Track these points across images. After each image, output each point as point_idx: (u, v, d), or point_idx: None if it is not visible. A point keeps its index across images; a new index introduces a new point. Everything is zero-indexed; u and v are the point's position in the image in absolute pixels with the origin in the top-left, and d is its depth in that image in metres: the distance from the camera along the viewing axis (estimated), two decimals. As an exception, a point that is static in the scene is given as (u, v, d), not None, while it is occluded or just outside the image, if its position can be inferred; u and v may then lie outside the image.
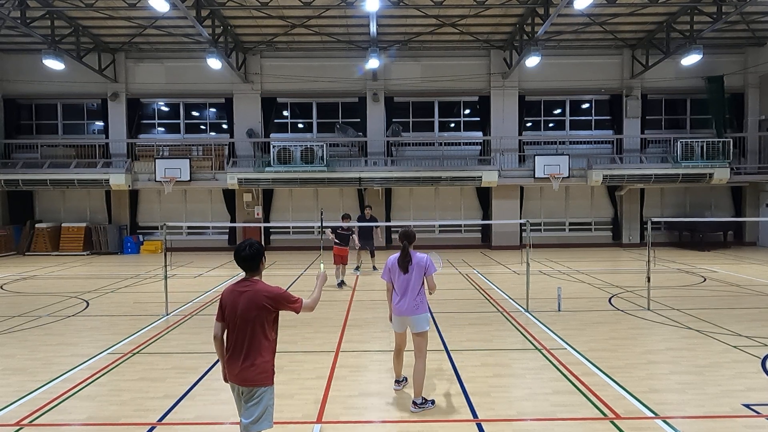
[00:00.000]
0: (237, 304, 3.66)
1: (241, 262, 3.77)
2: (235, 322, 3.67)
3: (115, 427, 4.89)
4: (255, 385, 3.64)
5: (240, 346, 3.65)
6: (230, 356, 3.68)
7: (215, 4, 16.69)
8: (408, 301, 5.33)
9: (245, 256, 3.73)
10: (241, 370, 3.62)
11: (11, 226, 20.85)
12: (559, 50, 20.73)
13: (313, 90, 20.99)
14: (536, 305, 9.77)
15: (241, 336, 3.65)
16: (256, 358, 3.63)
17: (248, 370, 3.62)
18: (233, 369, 3.66)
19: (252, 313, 3.63)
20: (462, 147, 21.47)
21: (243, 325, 3.64)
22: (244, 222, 20.77)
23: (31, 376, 6.23)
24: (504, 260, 17.38)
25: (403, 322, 5.46)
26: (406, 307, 5.33)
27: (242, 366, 3.62)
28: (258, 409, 3.66)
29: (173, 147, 21.43)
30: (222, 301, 3.76)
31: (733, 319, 8.74)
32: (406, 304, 5.33)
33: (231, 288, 3.77)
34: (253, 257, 3.74)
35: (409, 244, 5.49)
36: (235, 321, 3.66)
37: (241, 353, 3.63)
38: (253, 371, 3.62)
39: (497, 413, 5.10)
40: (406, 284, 5.35)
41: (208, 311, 9.85)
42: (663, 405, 5.23)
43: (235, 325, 3.67)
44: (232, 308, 3.68)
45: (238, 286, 3.75)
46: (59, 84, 20.55)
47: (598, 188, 21.45)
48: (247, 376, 3.62)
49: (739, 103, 21.22)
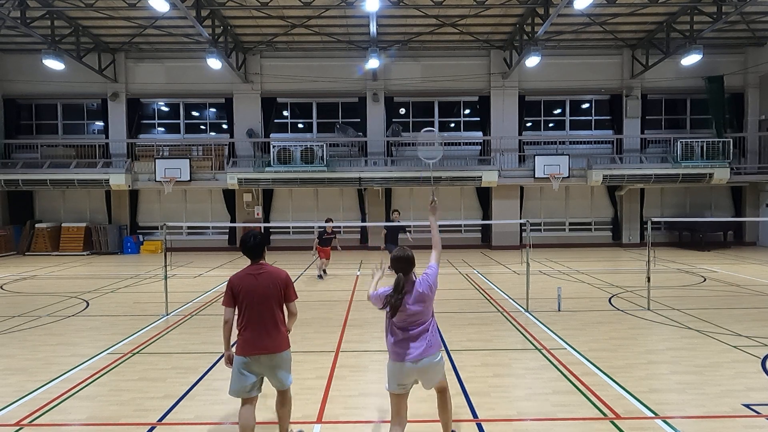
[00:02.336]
0: (255, 286, 4.20)
1: (248, 251, 4.32)
2: (254, 302, 4.18)
3: (115, 427, 4.89)
4: (282, 350, 4.24)
5: (263, 321, 4.18)
6: (253, 330, 4.18)
7: (215, 4, 16.69)
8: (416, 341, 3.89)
9: (251, 246, 4.31)
10: (270, 339, 4.18)
11: (11, 226, 20.85)
12: (559, 50, 20.73)
13: (313, 90, 20.99)
14: (536, 305, 9.77)
15: (262, 312, 4.19)
16: (279, 328, 4.25)
17: (276, 339, 4.21)
18: (260, 341, 4.17)
19: (271, 291, 4.21)
20: (462, 147, 21.47)
21: (264, 303, 4.19)
22: (244, 222, 20.78)
23: (31, 376, 6.23)
24: (504, 260, 17.38)
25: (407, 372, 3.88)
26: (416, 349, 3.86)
27: (270, 336, 4.19)
28: (284, 368, 4.30)
29: (173, 147, 21.43)
30: (234, 287, 4.21)
31: (733, 319, 8.74)
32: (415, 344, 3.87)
33: (242, 274, 4.27)
34: (259, 246, 4.34)
35: (406, 273, 3.97)
36: (254, 301, 4.18)
37: (266, 327, 4.19)
38: (279, 339, 4.23)
39: (497, 413, 5.10)
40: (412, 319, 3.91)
41: (208, 311, 9.85)
42: (663, 405, 5.23)
43: (254, 304, 4.18)
44: (250, 290, 4.19)
45: (250, 270, 4.28)
46: (59, 84, 20.55)
47: (598, 188, 21.45)
48: (274, 344, 4.20)
49: (739, 103, 21.22)
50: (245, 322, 4.20)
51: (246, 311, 4.20)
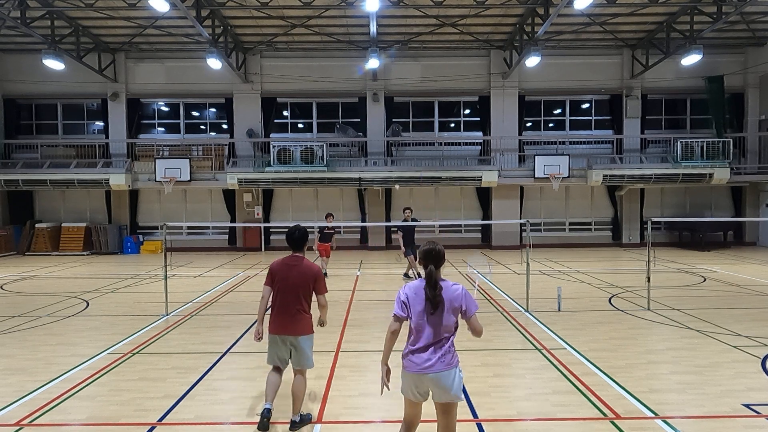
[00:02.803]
0: (288, 275, 4.77)
1: (292, 242, 4.87)
2: (285, 288, 4.75)
3: (115, 427, 4.89)
4: (303, 334, 4.78)
5: (290, 307, 4.75)
6: (279, 314, 4.77)
7: (215, 4, 16.69)
8: (434, 352, 3.68)
9: (296, 237, 4.86)
10: (292, 323, 4.74)
11: (11, 226, 20.85)
12: (559, 50, 20.73)
13: (313, 90, 20.99)
14: (536, 305, 9.77)
15: (290, 299, 4.75)
16: (303, 315, 4.79)
17: (298, 324, 4.76)
18: (283, 323, 4.75)
19: (300, 282, 4.75)
20: (462, 147, 21.47)
21: (293, 291, 4.74)
22: (244, 222, 20.79)
23: (31, 376, 6.23)
24: (504, 260, 17.38)
25: (422, 383, 3.69)
26: (432, 361, 3.66)
27: (293, 320, 4.74)
28: (305, 351, 4.80)
29: (173, 147, 21.44)
30: (273, 271, 4.84)
31: (733, 319, 8.74)
32: (432, 356, 3.67)
33: (282, 261, 4.85)
34: (301, 238, 4.87)
35: (437, 267, 3.81)
36: (285, 287, 4.75)
37: (290, 312, 4.75)
38: (301, 324, 4.77)
39: (497, 413, 5.10)
40: (434, 327, 3.70)
41: (208, 311, 9.86)
42: (663, 405, 5.23)
43: (286, 289, 4.75)
44: (284, 277, 4.77)
45: (288, 260, 4.83)
46: (59, 84, 20.55)
47: (598, 188, 21.45)
48: (297, 328, 4.75)
49: (739, 103, 21.23)
50: (275, 305, 4.82)
51: (278, 295, 4.79)
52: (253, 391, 5.75)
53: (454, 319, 3.74)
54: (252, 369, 6.49)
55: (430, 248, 3.85)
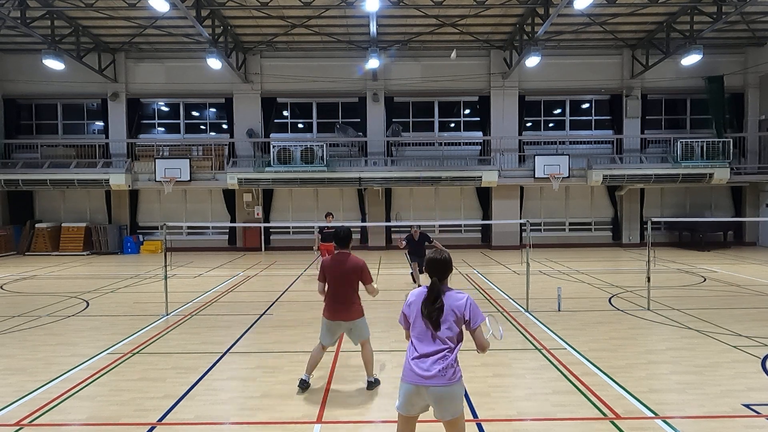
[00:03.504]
0: (339, 269, 5.50)
1: (339, 240, 5.61)
2: (337, 281, 5.51)
3: (115, 427, 4.89)
4: (356, 318, 5.62)
5: (342, 297, 5.54)
6: (333, 303, 5.56)
7: (215, 4, 16.69)
8: (434, 363, 3.42)
9: (342, 236, 5.61)
10: (345, 311, 5.55)
11: (11, 226, 20.86)
12: (559, 50, 20.73)
13: (313, 90, 20.99)
14: (536, 305, 9.77)
15: (342, 290, 5.54)
16: (354, 303, 5.60)
17: (349, 310, 5.57)
18: (337, 311, 5.55)
19: (349, 274, 5.49)
20: (462, 147, 21.47)
21: (343, 283, 5.51)
22: (244, 222, 20.79)
23: (31, 376, 6.23)
24: (504, 260, 17.38)
25: (419, 395, 3.45)
26: (432, 373, 3.40)
27: (345, 308, 5.55)
28: (362, 329, 5.69)
29: (173, 147, 21.44)
30: (325, 267, 5.60)
31: (733, 319, 8.74)
32: (432, 367, 3.41)
33: (332, 258, 5.59)
34: (347, 237, 5.63)
35: (441, 279, 3.57)
36: (337, 280, 5.51)
37: (344, 301, 5.54)
38: (352, 310, 5.59)
39: (497, 413, 5.10)
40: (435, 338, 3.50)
41: (208, 311, 9.86)
42: (663, 405, 5.23)
43: (337, 282, 5.51)
44: (335, 272, 5.51)
45: (337, 257, 5.56)
46: (59, 84, 20.55)
47: (598, 188, 21.45)
48: (348, 314, 5.57)
49: (739, 103, 21.23)
50: (329, 296, 5.59)
51: (331, 288, 5.57)
52: (253, 391, 5.76)
53: (457, 329, 3.52)
54: (252, 369, 6.50)
55: (435, 258, 3.59)
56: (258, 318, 9.24)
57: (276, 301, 10.75)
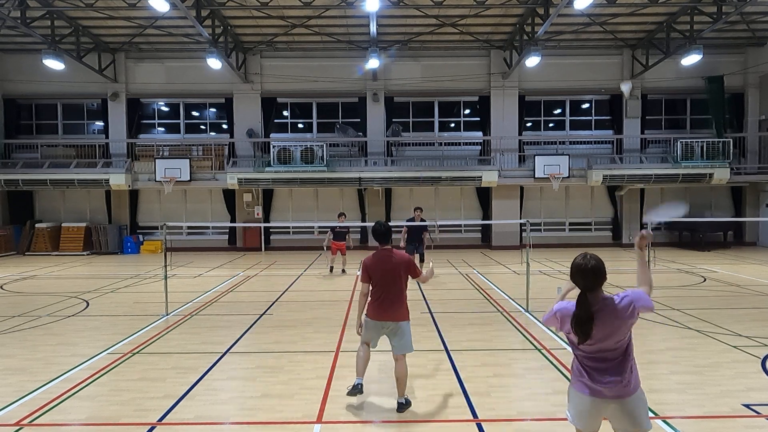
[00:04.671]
0: (385, 267, 5.08)
1: (379, 237, 5.20)
2: (384, 279, 5.07)
3: (115, 427, 4.89)
4: (403, 320, 5.12)
5: (390, 295, 5.07)
6: (381, 302, 5.08)
7: (215, 4, 16.69)
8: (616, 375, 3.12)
9: (383, 232, 5.19)
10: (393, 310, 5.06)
11: (11, 226, 20.85)
12: (559, 50, 20.73)
13: (313, 90, 20.99)
14: (536, 305, 9.76)
15: (390, 288, 5.07)
16: (403, 302, 5.14)
17: (398, 310, 5.09)
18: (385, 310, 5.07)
19: (397, 272, 5.08)
20: (462, 147, 21.47)
21: (391, 281, 5.07)
22: (244, 222, 20.79)
23: (31, 376, 6.23)
24: (504, 260, 17.38)
25: (599, 409, 3.12)
26: (616, 386, 3.09)
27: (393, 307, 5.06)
28: (406, 336, 5.12)
29: (173, 147, 21.44)
30: (368, 267, 5.13)
31: (733, 319, 8.73)
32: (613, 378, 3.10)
33: (374, 257, 5.14)
34: (387, 232, 5.20)
35: (595, 288, 3.14)
36: (384, 278, 5.07)
37: (391, 300, 5.06)
38: (401, 310, 5.12)
39: (497, 413, 5.10)
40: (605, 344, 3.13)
41: (208, 311, 9.86)
42: (663, 405, 5.23)
43: (385, 281, 5.07)
44: (380, 270, 5.08)
45: (380, 254, 5.14)
46: (59, 84, 20.55)
47: (598, 188, 21.45)
48: (396, 314, 5.08)
49: (739, 103, 21.22)
50: (377, 296, 5.12)
51: (378, 287, 5.10)
52: (253, 391, 5.76)
53: (629, 331, 3.19)
54: (252, 369, 6.50)
55: (583, 263, 3.08)
56: (258, 318, 9.23)
57: (276, 301, 10.74)
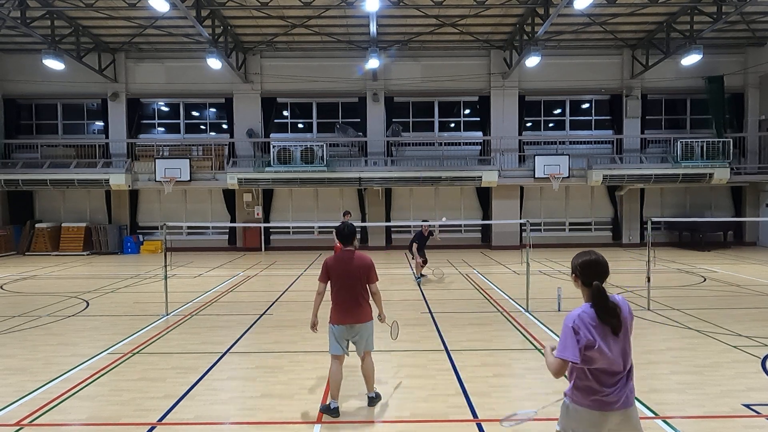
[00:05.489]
0: (346, 268, 5.08)
1: (342, 238, 5.22)
2: (346, 281, 5.06)
3: (115, 427, 4.89)
4: (368, 320, 5.15)
5: (352, 297, 5.08)
6: (343, 304, 5.07)
7: (215, 4, 16.69)
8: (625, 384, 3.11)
9: (346, 234, 5.20)
10: (357, 312, 5.08)
11: (11, 226, 20.86)
12: (559, 50, 20.73)
13: (313, 90, 20.99)
14: (536, 305, 9.76)
15: (352, 290, 5.08)
16: (365, 303, 5.14)
17: (362, 312, 5.11)
18: (348, 312, 5.07)
19: (359, 273, 5.08)
20: (462, 147, 21.47)
21: (352, 282, 5.07)
22: (244, 222, 20.79)
23: (31, 376, 6.23)
24: (504, 260, 17.38)
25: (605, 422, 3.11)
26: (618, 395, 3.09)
27: (357, 309, 5.08)
28: (370, 336, 5.21)
29: (173, 147, 21.44)
30: (329, 267, 5.12)
31: (733, 319, 8.73)
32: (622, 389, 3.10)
33: (336, 257, 5.15)
34: (351, 234, 5.21)
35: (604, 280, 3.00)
36: (346, 279, 5.06)
37: (354, 301, 5.08)
38: (365, 311, 5.13)
39: (497, 413, 5.09)
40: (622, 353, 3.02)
41: (208, 311, 9.85)
42: (663, 405, 5.23)
43: (346, 282, 5.06)
44: (342, 270, 5.08)
45: (342, 255, 5.13)
46: (59, 84, 20.55)
47: (598, 188, 21.45)
48: (361, 315, 5.10)
49: (739, 103, 21.22)
50: (338, 298, 5.10)
51: (339, 288, 5.09)
52: (253, 391, 5.76)
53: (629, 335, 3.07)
54: (252, 369, 6.50)
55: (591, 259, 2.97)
56: (258, 318, 9.23)
57: (276, 301, 10.75)
